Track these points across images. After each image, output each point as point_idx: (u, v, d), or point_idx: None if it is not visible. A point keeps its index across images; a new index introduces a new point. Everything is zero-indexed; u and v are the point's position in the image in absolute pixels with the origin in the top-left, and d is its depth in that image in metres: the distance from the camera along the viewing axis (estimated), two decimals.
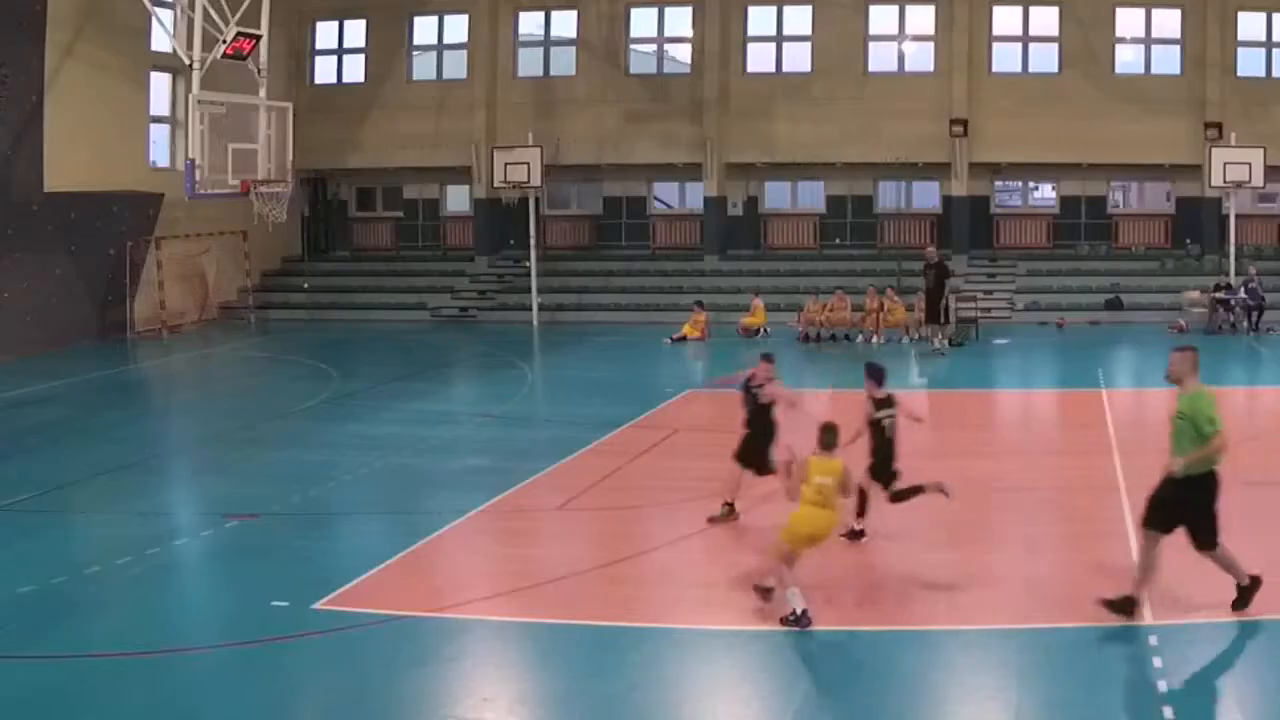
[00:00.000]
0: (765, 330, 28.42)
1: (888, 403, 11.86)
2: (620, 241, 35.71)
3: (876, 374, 12.02)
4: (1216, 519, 9.49)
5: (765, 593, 10.12)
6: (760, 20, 34.00)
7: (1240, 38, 31.45)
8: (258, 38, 23.02)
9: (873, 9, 33.21)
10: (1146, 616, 9.60)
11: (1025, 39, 32.90)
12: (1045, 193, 35.02)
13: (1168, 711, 7.92)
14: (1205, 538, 9.54)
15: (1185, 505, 9.51)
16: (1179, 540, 11.87)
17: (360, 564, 11.56)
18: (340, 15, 35.83)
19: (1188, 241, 32.43)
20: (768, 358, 12.83)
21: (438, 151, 34.59)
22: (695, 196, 34.95)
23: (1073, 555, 11.50)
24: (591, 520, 13.16)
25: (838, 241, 34.53)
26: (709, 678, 8.98)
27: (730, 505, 12.75)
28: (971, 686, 8.78)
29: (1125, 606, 9.52)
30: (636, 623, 10.04)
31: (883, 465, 11.65)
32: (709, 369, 25.30)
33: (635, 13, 34.51)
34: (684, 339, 28.04)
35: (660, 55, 35.51)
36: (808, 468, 9.99)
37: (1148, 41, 32.32)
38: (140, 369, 27.14)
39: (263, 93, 23.88)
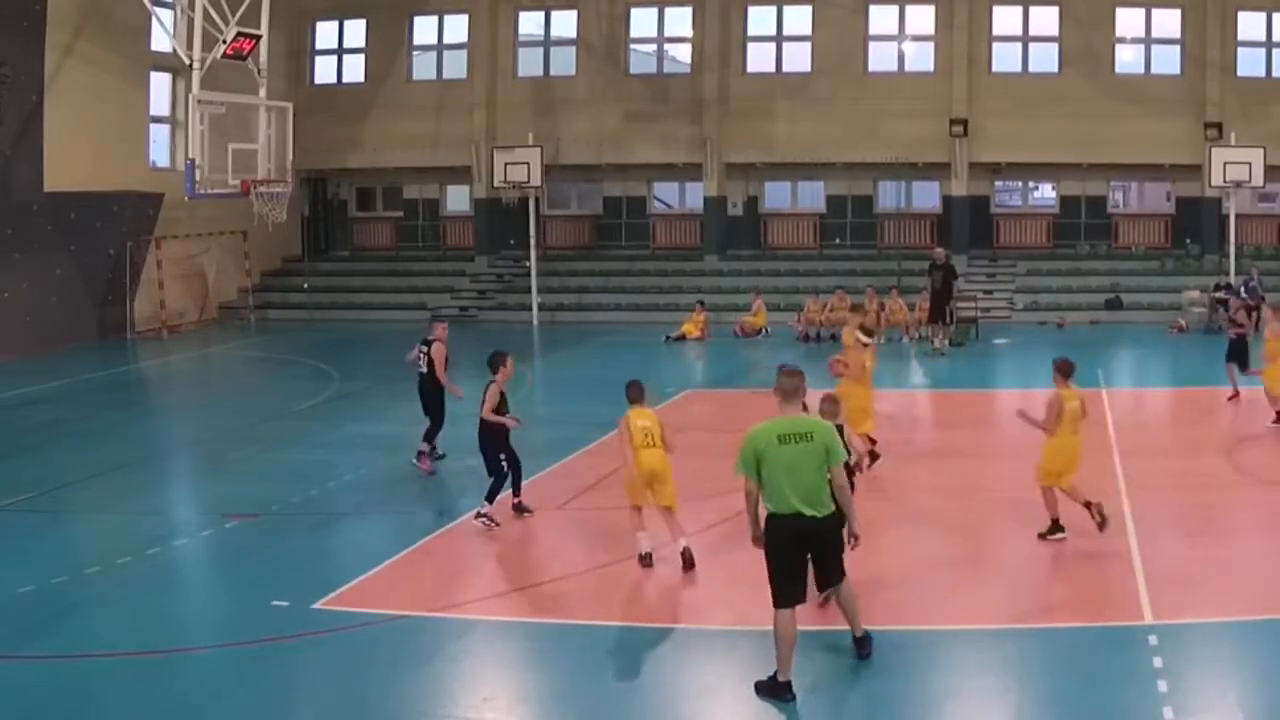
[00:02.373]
0: (766, 330, 28.43)
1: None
2: (620, 241, 35.72)
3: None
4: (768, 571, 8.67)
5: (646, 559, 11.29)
6: (760, 20, 34.01)
7: (1240, 38, 31.47)
8: (258, 38, 23.03)
9: (873, 9, 33.23)
10: (1146, 616, 9.60)
11: (1025, 39, 32.91)
12: (1045, 193, 35.03)
13: (1168, 711, 7.92)
14: None
15: None
16: (1179, 540, 11.89)
17: (360, 564, 11.57)
18: (340, 15, 35.86)
19: (1188, 241, 32.44)
20: None
21: (438, 151, 34.61)
22: (695, 196, 34.96)
23: (1073, 555, 11.49)
24: (591, 520, 13.16)
25: (838, 241, 34.54)
26: (709, 678, 8.98)
27: None
28: (971, 686, 8.78)
29: None
30: (636, 623, 10.04)
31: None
32: (709, 369, 25.32)
33: (635, 13, 34.52)
34: (683, 338, 28.05)
35: (660, 55, 35.52)
36: (629, 418, 11.33)
37: (1148, 41, 32.33)
38: (140, 369, 27.14)
39: (263, 93, 23.88)
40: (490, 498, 12.83)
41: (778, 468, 8.26)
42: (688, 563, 11.18)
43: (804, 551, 8.42)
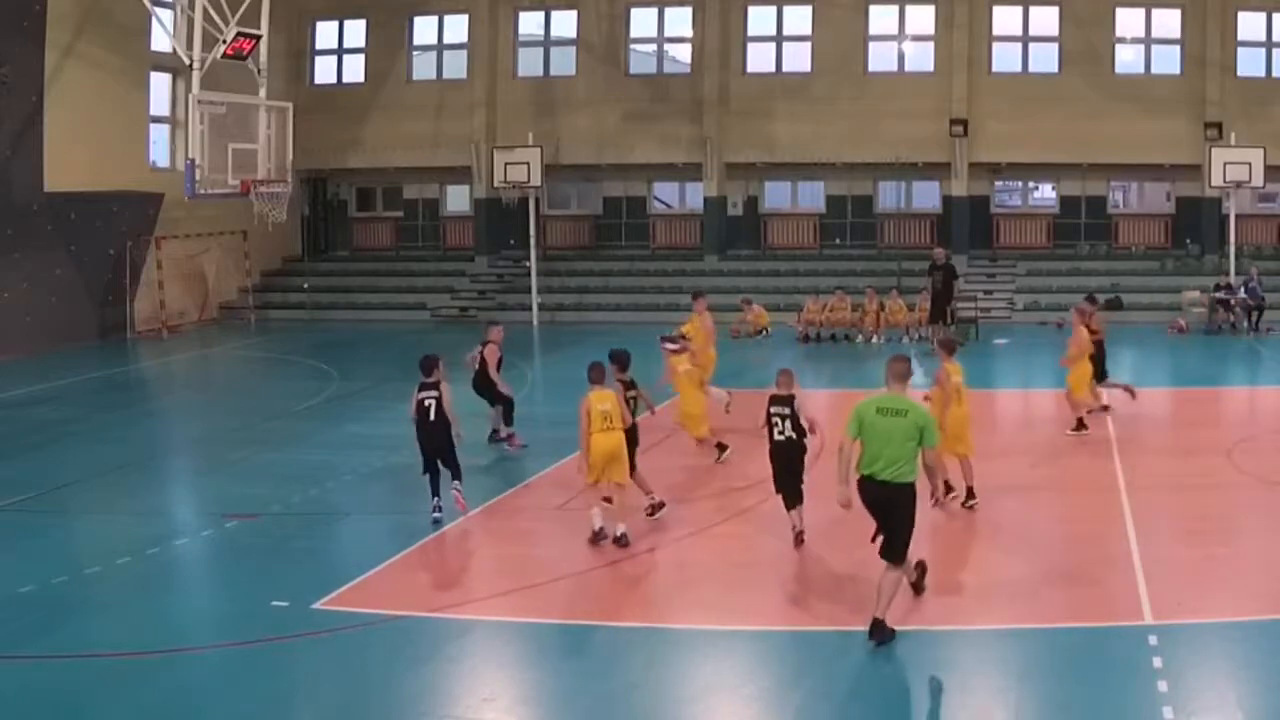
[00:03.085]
0: (767, 331, 28.42)
1: (632, 385, 13.25)
2: (620, 241, 35.71)
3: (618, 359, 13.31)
4: None
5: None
6: (760, 20, 34.00)
7: (1240, 38, 31.46)
8: (258, 38, 23.03)
9: (873, 9, 33.22)
10: (1146, 616, 9.60)
11: (1025, 39, 32.90)
12: (1045, 193, 35.02)
13: (1168, 711, 7.92)
14: None
15: None
16: (1179, 540, 11.90)
17: (360, 564, 11.58)
18: (340, 15, 35.84)
19: (1188, 241, 32.43)
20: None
21: (438, 151, 34.61)
22: (695, 196, 34.95)
23: (1073, 555, 11.50)
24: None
25: (838, 241, 34.53)
26: (709, 678, 8.98)
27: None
28: (972, 686, 8.78)
29: None
30: (636, 623, 10.05)
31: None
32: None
33: (635, 13, 34.52)
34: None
35: (660, 55, 35.51)
36: (590, 402, 11.96)
37: (1148, 41, 32.32)
38: (140, 369, 27.14)
39: (263, 93, 23.89)
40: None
41: (873, 435, 9.40)
42: (621, 543, 11.81)
43: (878, 515, 9.45)
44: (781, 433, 12.17)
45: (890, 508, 9.38)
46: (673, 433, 16.72)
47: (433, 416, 12.86)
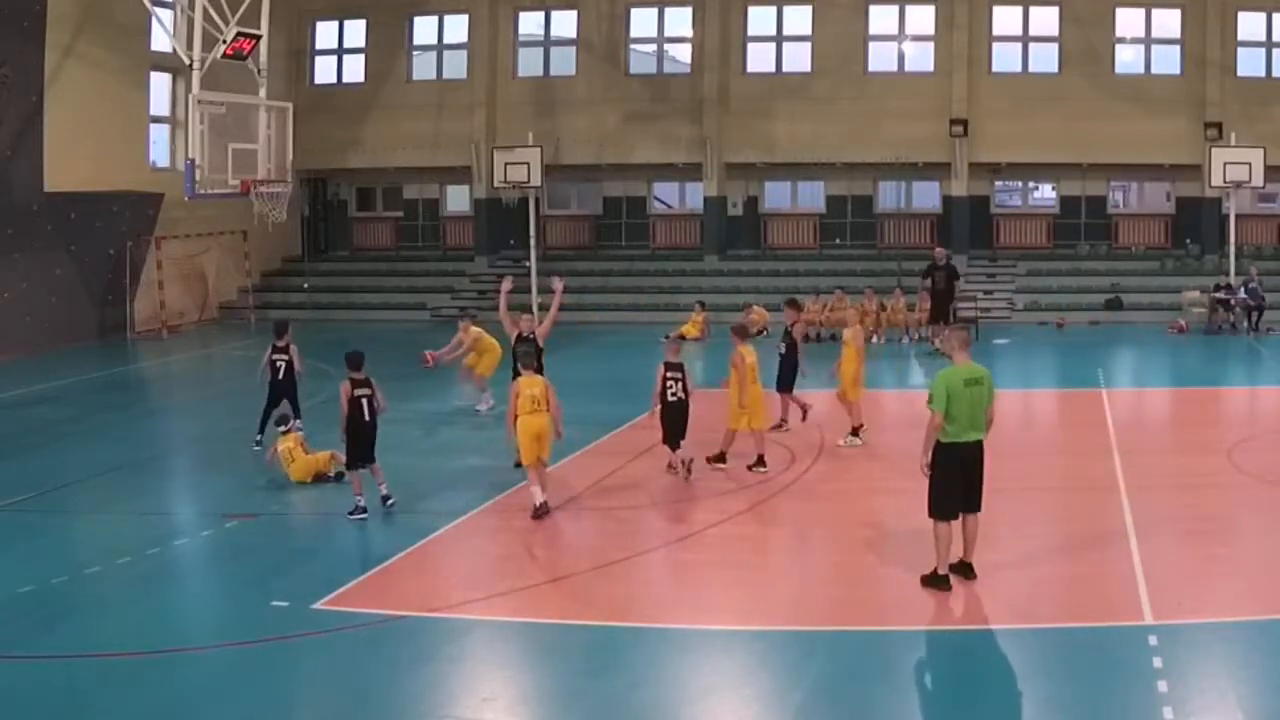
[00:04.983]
0: (766, 331, 28.38)
1: (365, 383, 13.63)
2: (620, 241, 35.72)
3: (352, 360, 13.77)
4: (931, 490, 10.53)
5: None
6: (760, 20, 34.02)
7: (1240, 38, 31.48)
8: (258, 38, 23.02)
9: (873, 9, 33.25)
10: (1146, 616, 9.60)
11: (1025, 39, 32.92)
12: (1045, 193, 35.04)
13: (1168, 712, 7.91)
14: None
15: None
16: (1179, 540, 11.90)
17: (360, 564, 11.58)
18: (340, 15, 35.86)
19: (1188, 241, 32.44)
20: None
21: (438, 151, 34.62)
22: (695, 196, 34.96)
23: (1073, 555, 11.50)
24: (591, 520, 13.16)
25: (838, 241, 34.53)
26: (709, 678, 8.98)
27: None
28: (972, 686, 8.77)
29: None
30: (636, 623, 10.04)
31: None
32: (708, 369, 25.24)
33: (635, 13, 34.53)
34: (682, 338, 27.99)
35: (660, 55, 35.52)
36: (519, 387, 13.04)
37: (1148, 41, 32.34)
38: (140, 369, 27.14)
39: (263, 93, 23.87)
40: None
41: (963, 405, 10.29)
42: (539, 514, 12.80)
43: (968, 472, 10.39)
44: (675, 395, 14.34)
45: (979, 465, 10.45)
46: None
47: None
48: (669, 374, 14.41)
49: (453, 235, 36.84)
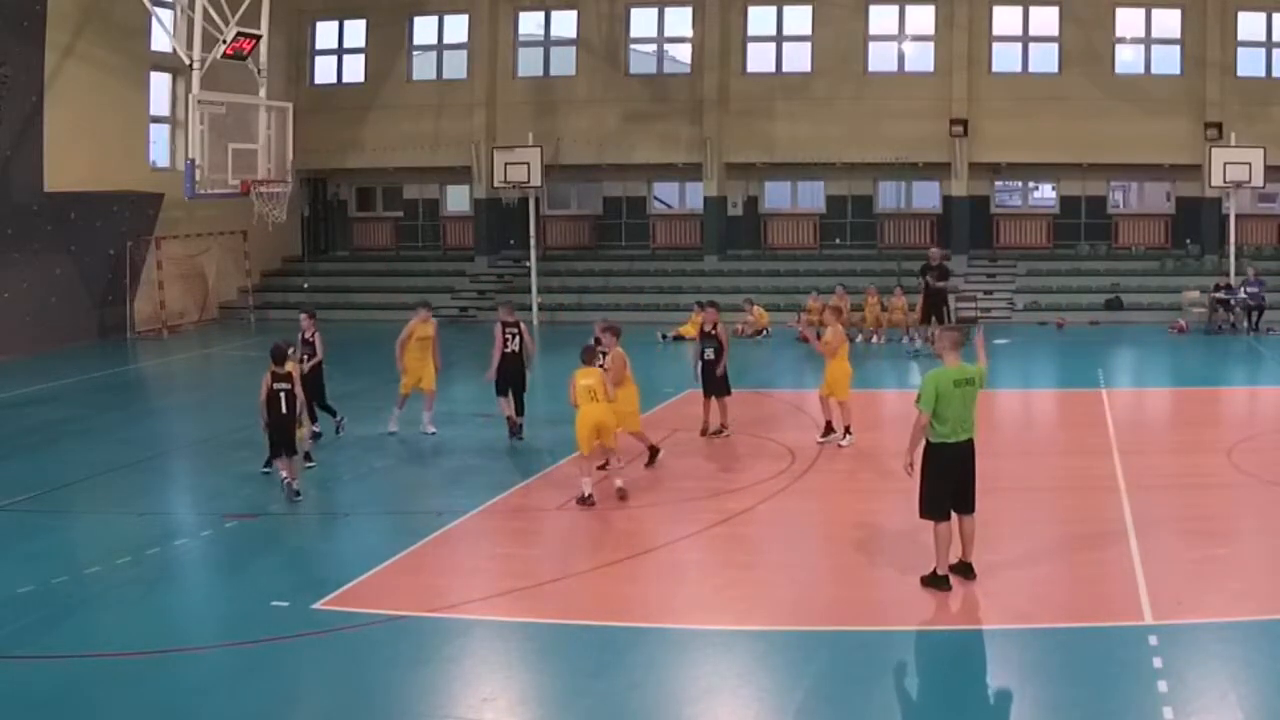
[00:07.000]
0: (767, 331, 28.42)
1: (286, 377, 13.87)
2: (620, 241, 35.73)
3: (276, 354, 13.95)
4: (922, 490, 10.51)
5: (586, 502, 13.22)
6: (760, 20, 34.01)
7: (1240, 38, 31.48)
8: (258, 38, 23.02)
9: (873, 9, 33.24)
10: (1146, 616, 9.60)
11: (1025, 39, 32.92)
12: (1045, 193, 35.04)
13: (1168, 712, 7.91)
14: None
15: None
16: (1179, 540, 11.90)
17: (360, 564, 11.56)
18: (340, 15, 35.86)
19: (1188, 241, 32.44)
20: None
21: (438, 151, 34.61)
22: (695, 196, 34.96)
23: (1072, 555, 11.50)
24: (591, 520, 13.16)
25: (838, 241, 34.54)
26: (709, 678, 8.97)
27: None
28: (972, 686, 8.78)
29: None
30: (636, 623, 10.04)
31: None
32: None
33: (635, 13, 34.53)
34: (681, 338, 28.01)
35: (660, 55, 35.52)
36: (574, 378, 13.44)
37: (1148, 41, 32.34)
38: (140, 369, 27.14)
39: (263, 93, 23.87)
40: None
41: (954, 404, 10.30)
42: (585, 502, 13.23)
43: (959, 472, 10.37)
44: (511, 348, 16.36)
45: (970, 465, 10.46)
46: (671, 433, 16.74)
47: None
48: (508, 330, 16.32)
49: (453, 235, 36.84)
